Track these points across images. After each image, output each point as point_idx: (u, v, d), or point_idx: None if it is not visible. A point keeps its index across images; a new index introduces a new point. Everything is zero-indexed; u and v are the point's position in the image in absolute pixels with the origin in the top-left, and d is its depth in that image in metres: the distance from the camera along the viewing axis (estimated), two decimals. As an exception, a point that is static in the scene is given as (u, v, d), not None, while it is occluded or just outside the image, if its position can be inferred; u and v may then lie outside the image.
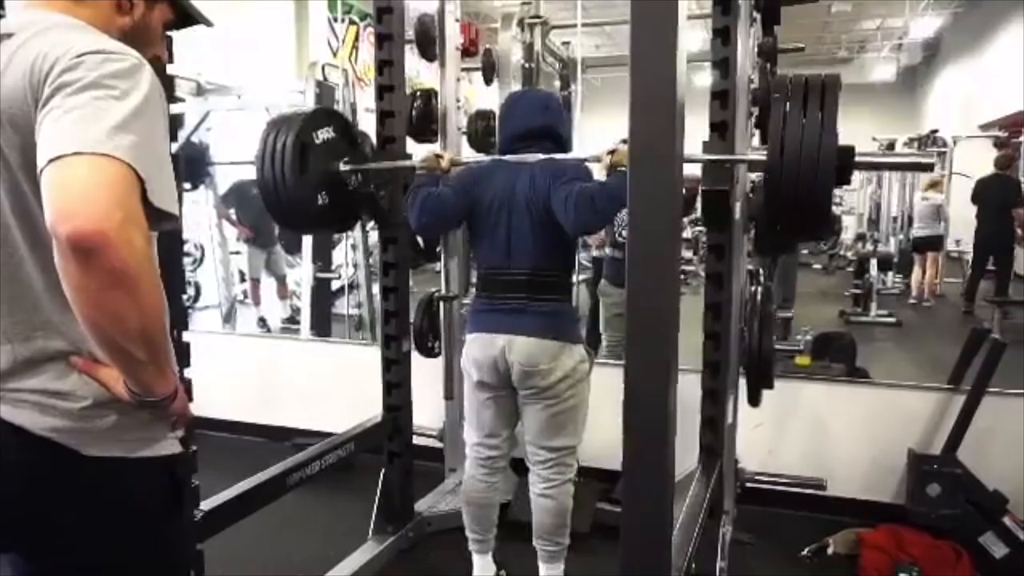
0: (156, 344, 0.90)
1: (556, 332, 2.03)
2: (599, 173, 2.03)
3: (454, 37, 2.74)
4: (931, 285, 7.14)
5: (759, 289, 2.48)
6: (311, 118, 2.18)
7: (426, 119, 2.83)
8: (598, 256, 4.47)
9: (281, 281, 5.86)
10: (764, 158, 1.55)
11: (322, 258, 4.66)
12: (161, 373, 0.94)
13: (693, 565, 1.68)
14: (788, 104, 1.49)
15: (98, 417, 0.95)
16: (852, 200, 9.03)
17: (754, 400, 2.43)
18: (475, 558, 2.28)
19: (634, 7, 1.13)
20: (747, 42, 2.16)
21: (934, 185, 7.05)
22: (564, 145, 2.17)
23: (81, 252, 0.78)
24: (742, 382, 2.35)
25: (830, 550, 2.57)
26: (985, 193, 6.52)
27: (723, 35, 2.00)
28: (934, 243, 7.00)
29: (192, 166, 4.90)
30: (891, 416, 2.84)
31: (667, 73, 1.12)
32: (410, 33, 2.78)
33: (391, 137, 2.45)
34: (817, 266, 9.24)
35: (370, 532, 2.57)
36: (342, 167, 2.22)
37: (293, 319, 5.53)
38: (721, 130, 2.02)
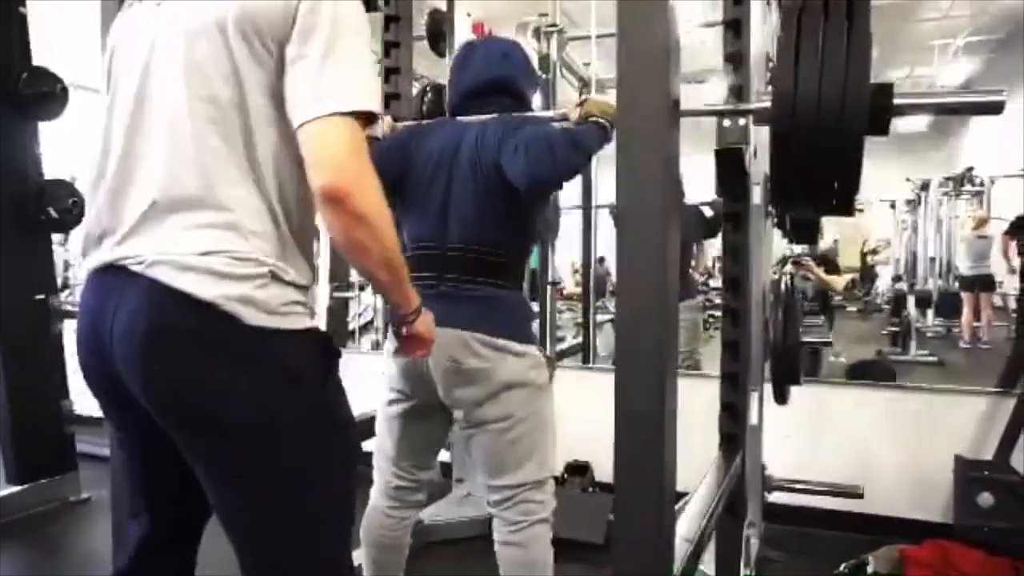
0: (395, 269, 1.10)
1: (496, 324, 1.55)
2: None
3: (464, 31, 2.72)
4: (988, 327, 6.79)
5: (783, 278, 2.34)
6: None
7: (437, 113, 2.79)
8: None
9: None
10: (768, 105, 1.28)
11: (339, 277, 4.60)
12: (403, 294, 1.17)
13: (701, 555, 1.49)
14: (798, 27, 1.23)
15: (260, 288, 1.00)
16: (887, 252, 8.92)
17: (780, 397, 2.26)
18: None
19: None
20: (763, 14, 2.08)
21: (983, 222, 6.81)
22: (527, 103, 1.76)
23: (331, 200, 0.98)
24: (767, 388, 2.17)
25: (870, 568, 2.31)
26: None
27: (734, -6, 1.92)
28: (985, 282, 6.70)
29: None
30: (935, 423, 2.61)
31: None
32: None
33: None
34: (852, 308, 8.96)
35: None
36: None
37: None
38: (736, 95, 1.92)
